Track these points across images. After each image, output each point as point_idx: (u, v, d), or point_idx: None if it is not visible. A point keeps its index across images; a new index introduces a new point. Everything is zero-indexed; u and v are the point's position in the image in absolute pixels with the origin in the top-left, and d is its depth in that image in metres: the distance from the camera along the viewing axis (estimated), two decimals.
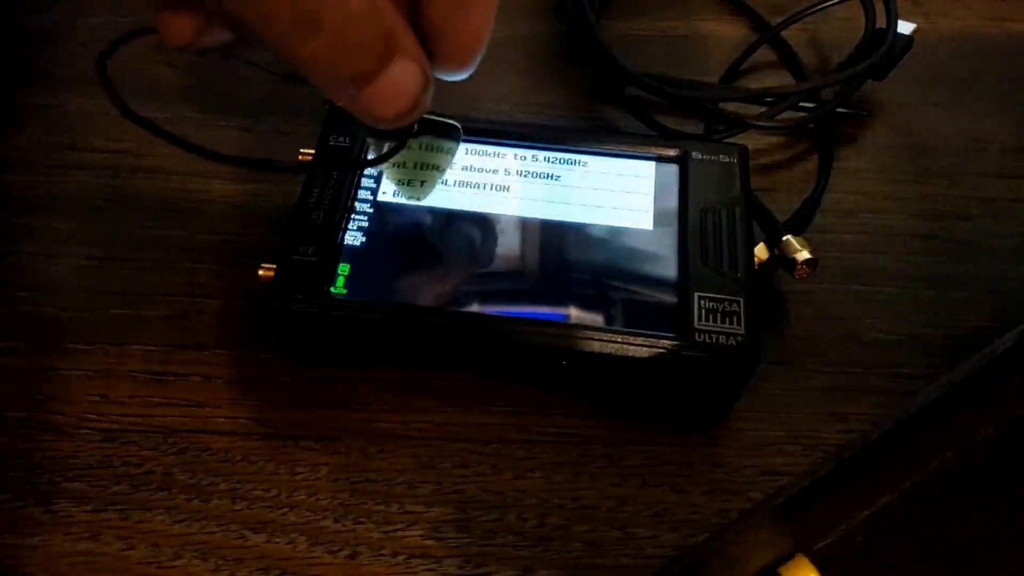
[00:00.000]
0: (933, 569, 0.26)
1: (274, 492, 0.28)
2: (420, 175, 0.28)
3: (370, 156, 0.26)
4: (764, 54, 0.40)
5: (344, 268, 0.29)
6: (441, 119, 0.26)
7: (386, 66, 0.21)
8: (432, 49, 0.22)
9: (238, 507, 0.28)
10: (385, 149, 0.25)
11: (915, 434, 0.25)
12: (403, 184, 0.28)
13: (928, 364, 0.31)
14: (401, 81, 0.21)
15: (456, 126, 0.27)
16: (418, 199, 0.29)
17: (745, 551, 0.25)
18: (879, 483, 0.26)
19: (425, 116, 0.23)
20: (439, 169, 0.28)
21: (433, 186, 0.28)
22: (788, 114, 0.36)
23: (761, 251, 0.31)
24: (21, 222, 0.34)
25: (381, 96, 0.22)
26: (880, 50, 0.36)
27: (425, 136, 0.27)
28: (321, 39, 0.20)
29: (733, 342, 0.27)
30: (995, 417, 0.26)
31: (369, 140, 0.26)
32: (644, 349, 0.27)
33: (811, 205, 0.34)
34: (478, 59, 0.23)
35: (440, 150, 0.28)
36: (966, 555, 0.26)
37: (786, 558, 0.25)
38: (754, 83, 0.40)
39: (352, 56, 0.20)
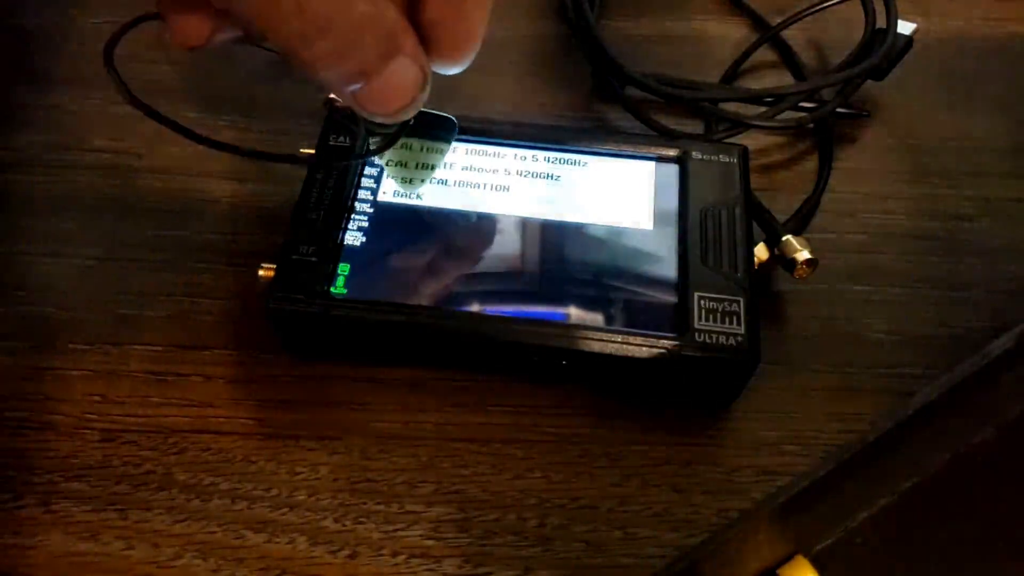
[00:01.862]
0: (931, 570, 0.26)
1: (274, 492, 0.28)
2: (420, 174, 0.28)
3: (371, 147, 0.26)
4: (764, 54, 0.40)
5: (344, 268, 0.29)
6: (437, 113, 0.27)
7: (387, 65, 0.21)
8: (429, 45, 0.22)
9: (238, 507, 0.28)
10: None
11: (913, 436, 0.25)
12: (404, 183, 0.29)
13: (928, 364, 0.31)
14: (401, 79, 0.22)
15: (452, 120, 0.27)
16: (419, 196, 0.30)
17: (744, 552, 0.25)
18: (878, 485, 0.26)
19: (422, 110, 0.23)
20: (436, 167, 0.28)
21: (429, 182, 0.28)
22: (788, 114, 0.36)
23: (761, 251, 0.31)
24: (21, 222, 0.34)
25: (381, 93, 0.22)
26: (880, 50, 0.36)
27: (424, 138, 0.28)
28: (326, 42, 0.20)
29: (733, 342, 0.27)
30: (993, 419, 0.26)
31: (368, 134, 0.26)
32: (644, 349, 0.27)
33: (811, 205, 0.34)
34: (474, 54, 0.23)
35: (438, 150, 0.28)
36: (964, 556, 0.26)
37: (785, 559, 0.25)
38: (754, 83, 0.40)
39: (355, 57, 0.21)
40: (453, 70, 0.23)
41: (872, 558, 0.25)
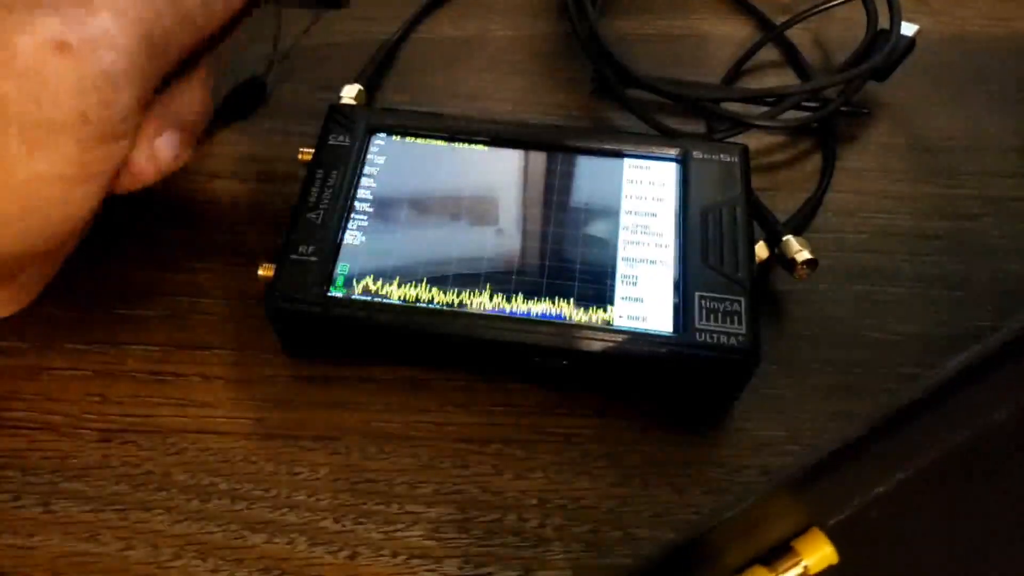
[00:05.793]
0: (946, 547, 0.25)
1: (274, 492, 0.28)
2: None
3: None
4: (767, 54, 0.40)
5: (344, 268, 0.29)
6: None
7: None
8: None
9: (238, 507, 0.28)
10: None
11: (932, 412, 0.25)
12: None
13: (929, 364, 0.31)
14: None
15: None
16: (419, 196, 0.30)
17: (760, 523, 0.25)
18: (896, 460, 0.25)
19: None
20: None
21: None
22: (790, 114, 0.36)
23: (761, 250, 0.31)
24: None
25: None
26: (882, 52, 0.35)
27: None
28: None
29: (734, 342, 0.27)
30: (1012, 397, 0.26)
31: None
32: (645, 349, 0.27)
33: (812, 205, 0.34)
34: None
35: None
36: (980, 534, 0.25)
37: (801, 531, 0.25)
38: (757, 83, 0.40)
39: None
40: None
41: (887, 533, 0.25)
